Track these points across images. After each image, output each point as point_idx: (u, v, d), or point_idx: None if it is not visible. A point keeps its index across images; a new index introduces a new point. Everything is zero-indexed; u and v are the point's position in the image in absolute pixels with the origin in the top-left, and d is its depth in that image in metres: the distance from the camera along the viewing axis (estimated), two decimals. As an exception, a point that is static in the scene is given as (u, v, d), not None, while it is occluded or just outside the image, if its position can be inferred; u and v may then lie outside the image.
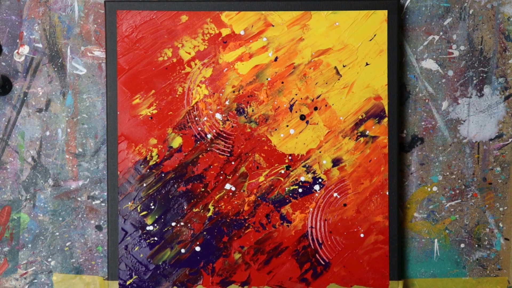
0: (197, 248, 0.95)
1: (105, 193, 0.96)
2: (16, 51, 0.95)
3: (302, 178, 0.95)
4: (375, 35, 0.94)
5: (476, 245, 0.99)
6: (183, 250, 0.95)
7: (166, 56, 0.93)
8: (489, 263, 0.99)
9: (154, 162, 0.94)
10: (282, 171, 0.95)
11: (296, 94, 0.94)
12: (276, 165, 0.95)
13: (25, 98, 0.95)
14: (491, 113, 0.98)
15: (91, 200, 0.96)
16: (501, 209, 0.99)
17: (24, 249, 0.96)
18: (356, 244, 0.95)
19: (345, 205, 0.95)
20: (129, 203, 0.94)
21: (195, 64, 0.94)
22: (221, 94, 0.94)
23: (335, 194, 0.95)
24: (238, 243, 0.95)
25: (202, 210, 0.94)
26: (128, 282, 0.94)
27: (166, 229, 0.94)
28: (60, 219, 0.96)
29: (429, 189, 0.98)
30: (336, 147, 0.95)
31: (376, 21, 0.94)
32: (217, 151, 0.94)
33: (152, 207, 0.94)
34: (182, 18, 0.93)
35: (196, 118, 0.94)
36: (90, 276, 0.96)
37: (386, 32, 0.94)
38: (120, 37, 0.93)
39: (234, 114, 0.94)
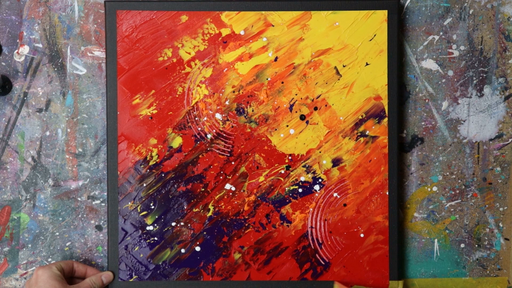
0: (197, 248, 0.95)
1: (105, 193, 0.96)
2: (16, 51, 0.95)
3: (302, 178, 0.95)
4: (375, 35, 0.94)
5: (476, 245, 0.99)
6: (183, 250, 0.94)
7: (166, 56, 0.93)
8: (489, 263, 0.99)
9: (154, 162, 0.94)
10: (282, 171, 0.95)
11: (296, 94, 0.94)
12: (276, 165, 0.95)
13: (25, 98, 0.95)
14: (491, 113, 0.98)
15: (91, 200, 0.96)
16: (501, 209, 0.99)
17: (24, 249, 0.96)
18: (356, 244, 0.95)
19: (345, 205, 0.95)
20: (129, 203, 0.94)
21: (195, 64, 0.94)
22: (221, 94, 0.94)
23: (335, 194, 0.95)
24: (238, 243, 0.95)
25: (202, 210, 0.94)
26: (128, 282, 0.94)
27: (166, 229, 0.94)
28: (60, 219, 0.96)
29: (429, 189, 0.98)
30: (336, 147, 0.95)
31: (376, 21, 0.94)
32: (217, 151, 0.94)
33: (152, 207, 0.94)
34: (182, 18, 0.93)
35: (196, 118, 0.94)
36: (90, 276, 0.96)
37: (386, 32, 0.94)
38: (120, 37, 0.93)
39: (234, 114, 0.94)
